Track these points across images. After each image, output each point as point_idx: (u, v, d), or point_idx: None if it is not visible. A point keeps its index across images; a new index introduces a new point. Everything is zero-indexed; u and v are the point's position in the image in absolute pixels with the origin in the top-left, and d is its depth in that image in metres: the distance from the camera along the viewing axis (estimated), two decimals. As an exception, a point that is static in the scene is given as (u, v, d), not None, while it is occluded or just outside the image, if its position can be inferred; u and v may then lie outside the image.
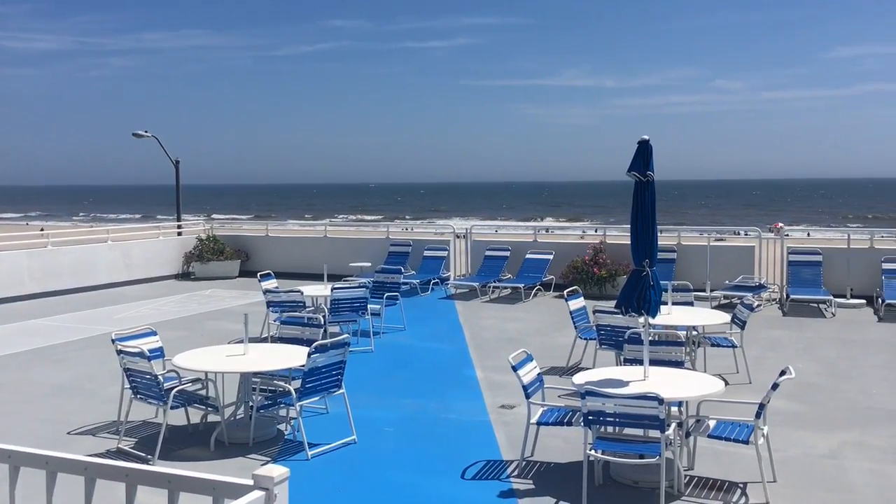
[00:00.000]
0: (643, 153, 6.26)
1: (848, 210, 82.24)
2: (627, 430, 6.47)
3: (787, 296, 14.23)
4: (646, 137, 6.30)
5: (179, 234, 20.84)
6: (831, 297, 13.76)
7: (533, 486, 6.30)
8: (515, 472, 6.56)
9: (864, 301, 14.13)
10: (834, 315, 13.35)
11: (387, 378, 9.85)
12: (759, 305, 12.41)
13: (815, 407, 8.25)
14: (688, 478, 6.33)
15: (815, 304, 14.06)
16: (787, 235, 16.47)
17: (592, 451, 5.99)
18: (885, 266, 14.12)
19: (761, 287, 14.41)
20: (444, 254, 17.56)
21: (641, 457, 5.95)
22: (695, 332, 9.41)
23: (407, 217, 74.06)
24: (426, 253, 17.66)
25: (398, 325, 12.69)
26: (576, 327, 10.12)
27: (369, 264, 17.12)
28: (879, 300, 13.57)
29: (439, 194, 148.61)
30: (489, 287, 16.14)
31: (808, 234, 30.91)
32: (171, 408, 7.04)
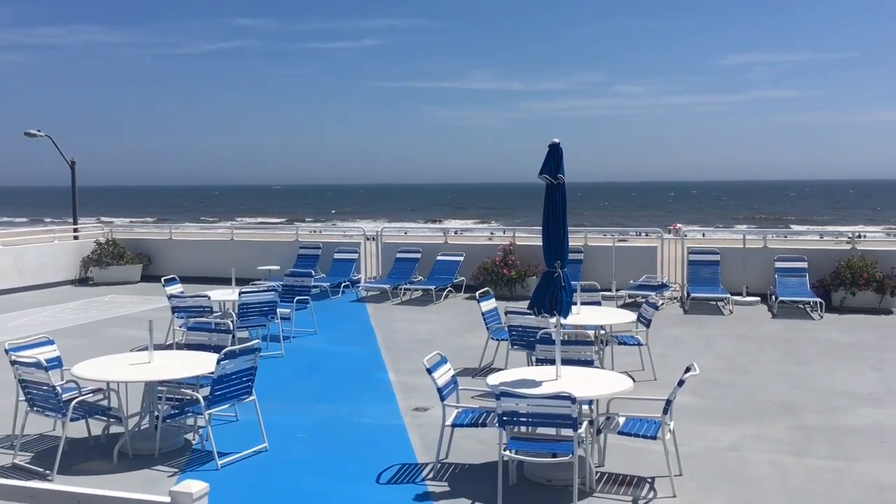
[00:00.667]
0: (554, 156, 6.36)
1: (738, 211, 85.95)
2: (540, 430, 6.56)
3: (688, 294, 14.75)
4: (556, 141, 6.40)
5: (76, 237, 19.94)
6: (729, 295, 14.34)
7: (448, 488, 6.31)
8: (431, 475, 6.56)
9: (758, 298, 14.78)
10: (731, 312, 13.92)
11: (298, 383, 9.69)
12: (662, 304, 12.81)
13: (717, 401, 8.58)
14: (599, 474, 6.47)
15: (714, 302, 14.63)
16: (685, 236, 17.06)
17: (507, 452, 6.05)
18: (778, 265, 14.82)
19: (664, 286, 14.89)
20: (355, 256, 17.43)
21: (554, 455, 6.05)
22: (603, 332, 9.63)
23: (308, 219, 72.98)
24: (336, 256, 17.49)
25: (309, 328, 12.52)
26: (488, 328, 10.20)
27: (278, 267, 16.81)
28: (773, 297, 14.23)
29: (347, 196, 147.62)
30: (400, 289, 16.11)
31: (703, 235, 32.11)
32: (71, 420, 6.72)
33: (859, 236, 16.98)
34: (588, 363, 7.33)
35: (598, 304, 10.81)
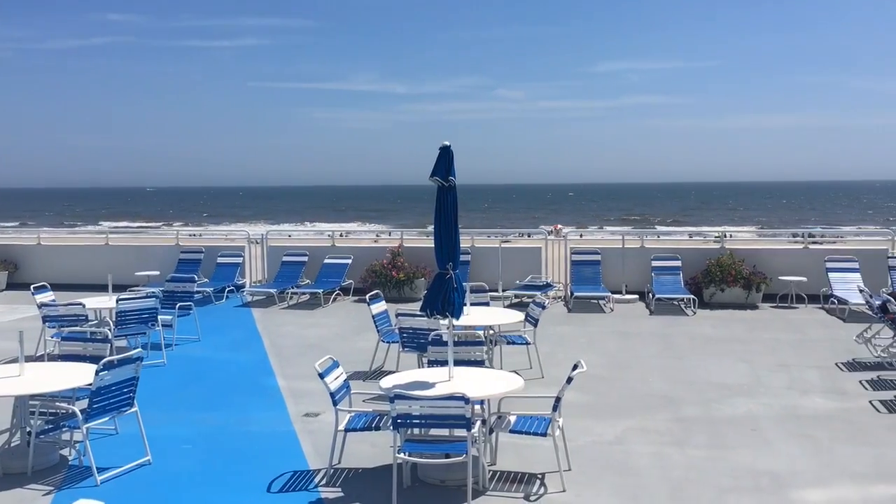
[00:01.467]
0: (445, 158, 6.41)
1: (610, 213, 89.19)
2: (433, 431, 6.59)
3: (572, 293, 15.18)
4: (447, 143, 6.45)
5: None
6: (609, 294, 14.86)
7: (342, 494, 6.24)
8: (324, 481, 6.47)
9: (637, 296, 15.39)
10: (612, 310, 14.42)
11: (182, 392, 9.36)
12: (547, 303, 13.13)
13: (601, 397, 8.86)
14: (491, 473, 6.56)
15: (596, 301, 15.12)
16: (566, 237, 17.56)
17: (401, 454, 6.04)
18: (654, 264, 15.47)
19: (548, 286, 15.26)
20: (239, 260, 16.99)
21: (448, 456, 6.09)
22: (492, 332, 9.78)
23: (176, 224, 70.43)
24: (220, 260, 17.00)
25: (192, 335, 12.11)
26: (378, 331, 10.17)
27: (158, 273, 16.19)
28: (650, 295, 14.85)
29: (224, 198, 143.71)
30: (287, 293, 15.83)
31: (581, 236, 33.07)
32: (-69, 440, 6.24)
33: (727, 236, 17.93)
34: (479, 363, 7.43)
35: (487, 304, 10.97)
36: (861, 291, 11.84)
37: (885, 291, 12.56)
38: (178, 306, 11.66)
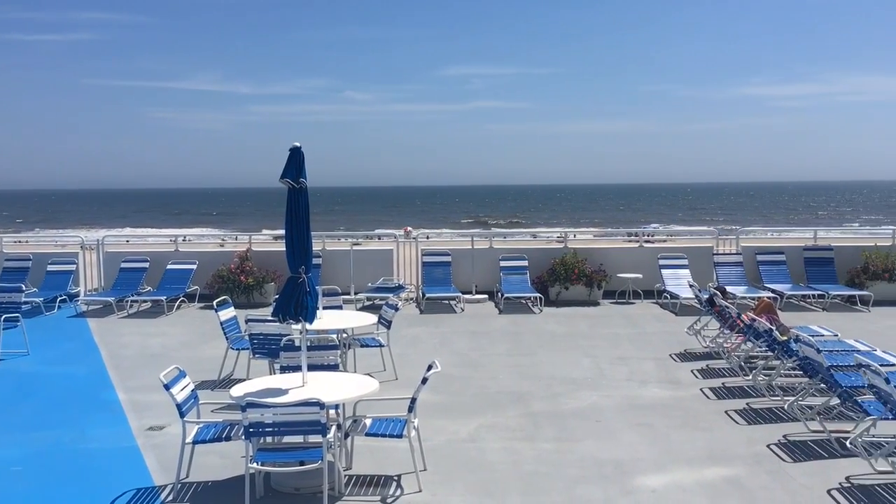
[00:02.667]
0: (295, 160, 6.29)
1: (458, 216, 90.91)
2: (287, 438, 6.45)
3: (423, 294, 15.32)
4: (297, 144, 6.33)
5: None
6: (460, 294, 15.12)
7: (191, 509, 5.99)
8: (171, 497, 6.18)
9: (486, 296, 15.75)
10: (463, 310, 14.68)
11: (10, 410, 8.66)
12: (400, 305, 13.18)
13: (454, 396, 9.00)
14: (347, 477, 6.50)
15: (447, 301, 15.34)
16: (416, 238, 17.71)
17: (254, 464, 5.87)
18: (503, 264, 15.90)
19: (400, 287, 15.33)
20: (72, 267, 15.96)
21: (302, 463, 5.98)
22: (345, 335, 9.70)
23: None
24: (50, 267, 15.90)
25: (20, 349, 11.24)
26: (227, 338, 9.84)
27: (-22, 282, 14.91)
28: (499, 294, 15.24)
29: (53, 202, 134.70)
30: (127, 301, 15.01)
31: (428, 237, 33.39)
32: None
33: (574, 236, 18.66)
34: (333, 367, 7.34)
35: (340, 307, 10.87)
36: (690, 286, 12.68)
37: (711, 286, 13.50)
38: (3, 318, 10.80)
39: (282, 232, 6.81)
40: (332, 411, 6.41)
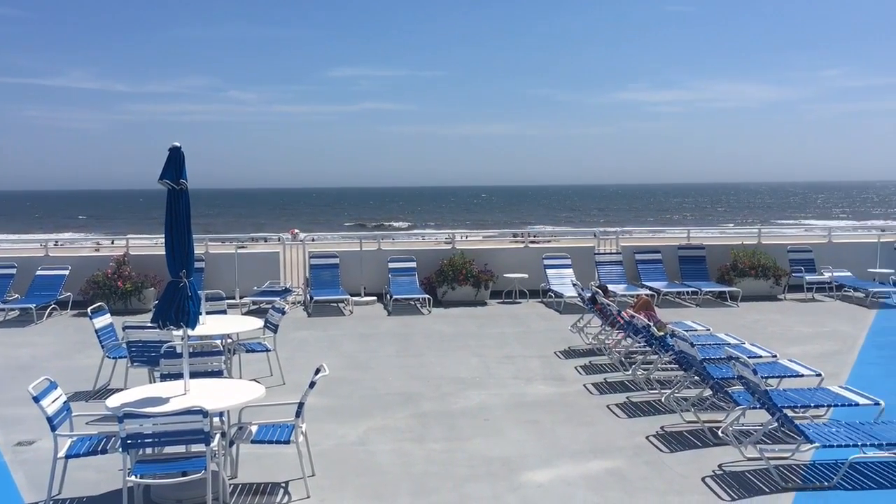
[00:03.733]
0: (175, 161, 6.08)
1: (341, 218, 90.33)
2: (168, 449, 6.22)
3: (311, 297, 15.13)
4: (177, 144, 6.12)
5: None
6: (349, 297, 15.02)
7: (64, 527, 5.69)
8: (42, 516, 5.85)
9: (375, 298, 15.70)
10: (352, 312, 14.58)
11: None
12: (287, 308, 12.97)
13: (343, 399, 8.92)
14: (233, 487, 6.34)
15: (336, 304, 15.20)
16: (303, 241, 17.47)
17: (132, 477, 5.63)
18: (391, 266, 15.89)
19: (287, 291, 15.07)
20: (-71, 274, 14.85)
21: (185, 474, 5.78)
22: (230, 340, 9.46)
23: None
24: None
25: None
26: (103, 346, 9.40)
27: None
28: (388, 296, 15.23)
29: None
30: (-9, 310, 14.10)
31: (314, 240, 33.04)
32: None
33: (465, 237, 18.86)
34: (217, 374, 7.14)
35: (224, 312, 10.60)
36: (574, 285, 13.05)
37: (593, 284, 13.95)
38: None
39: (161, 236, 6.55)
40: (216, 419, 6.23)
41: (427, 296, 14.95)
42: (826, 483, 6.26)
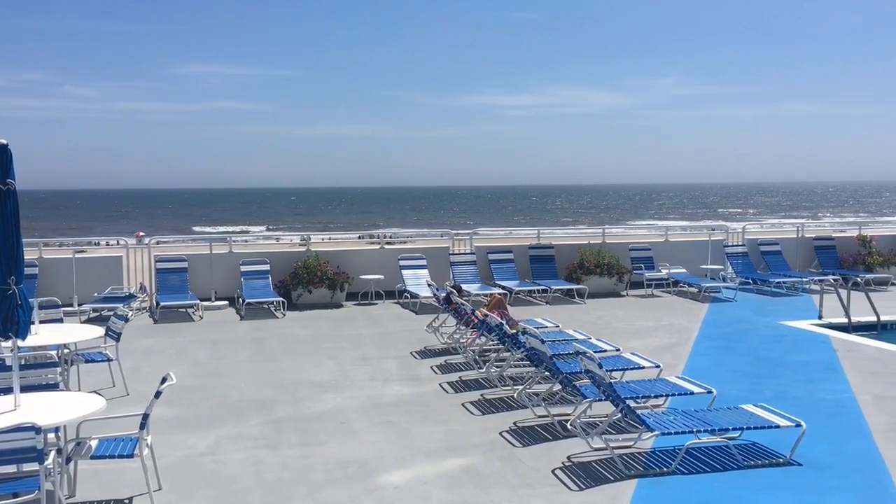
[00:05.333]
0: (1, 159, 5.63)
1: (196, 220, 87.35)
2: (-3, 470, 5.76)
3: (158, 303, 14.47)
4: (3, 142, 5.68)
5: None
6: (198, 301, 14.48)
7: None
8: None
9: (226, 302, 15.23)
10: (202, 318, 14.07)
11: None
12: (131, 315, 12.33)
13: (192, 408, 8.59)
14: (71, 506, 5.96)
15: (184, 309, 14.62)
16: (149, 244, 16.67)
17: (-46, 503, 5.18)
18: (243, 269, 15.46)
19: (131, 296, 14.34)
20: None
21: (16, 495, 5.37)
22: (67, 350, 8.89)
23: None
24: None
25: None
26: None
27: None
28: (240, 300, 14.80)
29: None
30: None
31: (158, 243, 31.70)
32: None
33: (327, 238, 18.61)
34: (52, 387, 6.69)
35: (60, 321, 9.93)
36: (429, 286, 13.18)
37: (448, 285, 14.13)
38: None
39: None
40: (50, 435, 5.83)
41: (281, 299, 14.66)
42: (665, 469, 6.64)
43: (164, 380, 6.18)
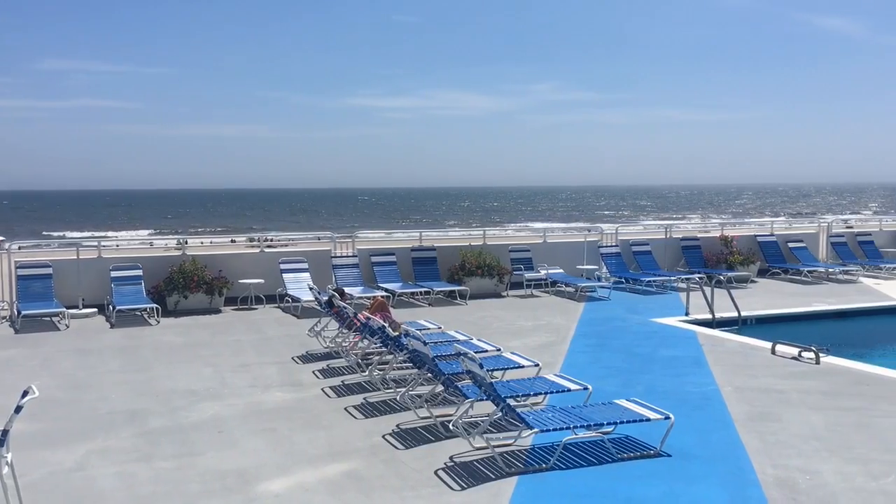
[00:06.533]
0: None
1: (57, 224, 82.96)
2: None
3: (19, 312, 13.63)
4: None
5: None
6: (64, 309, 13.73)
7: None
8: None
9: (95, 310, 14.51)
10: (68, 326, 13.36)
11: None
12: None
13: (58, 422, 8.14)
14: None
15: (49, 318, 13.84)
16: (8, 249, 15.68)
17: None
18: (114, 274, 14.78)
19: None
20: None
21: None
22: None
23: None
24: None
25: None
26: None
27: None
28: (110, 307, 14.14)
29: None
30: None
31: (20, 248, 29.97)
32: None
33: (187, 242, 18.01)
34: None
35: None
36: (311, 289, 13.01)
37: (330, 288, 13.99)
38: None
39: None
40: None
41: (155, 305, 14.10)
42: (544, 465, 6.81)
43: (25, 393, 5.82)
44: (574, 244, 19.20)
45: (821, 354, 10.39)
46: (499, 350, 9.79)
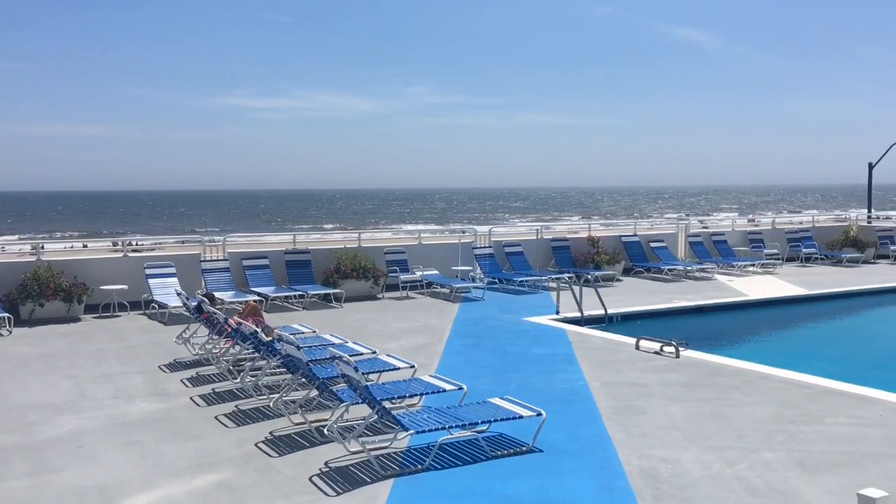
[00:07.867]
0: None
1: None
2: None
3: None
4: None
5: None
6: None
7: None
8: None
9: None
10: None
11: None
12: None
13: None
14: None
15: None
16: None
17: None
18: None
19: None
20: None
21: None
22: None
23: None
24: None
25: None
26: None
27: None
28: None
29: None
30: None
31: None
32: None
33: (42, 247, 17.00)
34: None
35: None
36: (178, 295, 12.53)
37: (199, 293, 13.53)
38: None
39: None
40: None
41: (7, 314, 13.20)
42: (420, 466, 6.83)
43: None
44: (448, 245, 19.39)
45: (680, 348, 10.94)
46: (374, 352, 9.75)
